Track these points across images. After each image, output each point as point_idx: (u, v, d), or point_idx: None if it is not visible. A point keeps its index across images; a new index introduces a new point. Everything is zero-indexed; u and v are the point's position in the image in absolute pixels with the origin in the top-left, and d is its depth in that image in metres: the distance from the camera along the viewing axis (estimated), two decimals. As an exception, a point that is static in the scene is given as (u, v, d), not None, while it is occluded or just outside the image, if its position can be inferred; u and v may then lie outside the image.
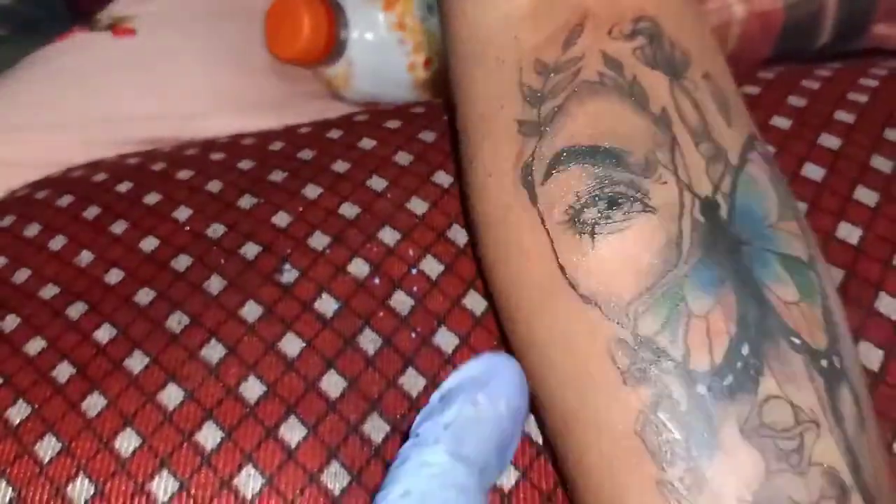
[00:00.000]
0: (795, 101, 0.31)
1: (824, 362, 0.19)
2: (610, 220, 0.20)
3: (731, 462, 0.18)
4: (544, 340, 0.21)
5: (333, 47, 0.43)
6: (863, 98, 0.31)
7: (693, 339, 0.19)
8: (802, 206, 0.27)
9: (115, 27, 0.49)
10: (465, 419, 0.20)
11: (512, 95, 0.22)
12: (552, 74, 0.22)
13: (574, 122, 0.21)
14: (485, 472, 0.20)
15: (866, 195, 0.27)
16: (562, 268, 0.21)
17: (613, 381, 0.20)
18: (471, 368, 0.22)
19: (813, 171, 0.28)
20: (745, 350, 0.19)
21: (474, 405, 0.21)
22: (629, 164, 0.21)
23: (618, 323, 0.20)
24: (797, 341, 0.19)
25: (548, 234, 0.21)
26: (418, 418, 0.21)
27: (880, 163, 0.28)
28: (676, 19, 0.23)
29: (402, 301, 0.27)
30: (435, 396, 0.22)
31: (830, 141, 0.29)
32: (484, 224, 0.24)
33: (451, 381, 0.22)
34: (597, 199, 0.20)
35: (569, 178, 0.21)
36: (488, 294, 0.27)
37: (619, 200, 0.20)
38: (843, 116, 0.30)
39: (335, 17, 0.43)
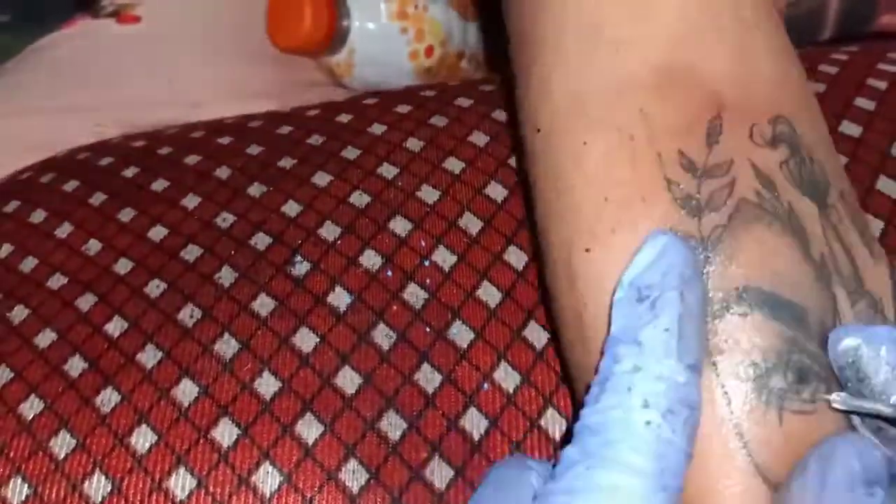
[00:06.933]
0: (814, 87, 0.30)
1: None
2: (797, 398, 0.18)
3: None
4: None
5: (335, 37, 0.43)
6: (882, 84, 0.30)
7: None
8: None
9: (120, 14, 0.48)
10: None
11: (655, 189, 0.19)
12: (704, 178, 0.19)
13: (748, 254, 0.18)
14: None
15: (888, 185, 0.27)
16: (741, 436, 0.18)
17: None
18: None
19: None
20: None
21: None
22: (809, 328, 0.18)
23: None
24: None
25: (722, 387, 0.18)
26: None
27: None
28: (810, 121, 0.20)
29: (415, 294, 0.26)
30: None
31: (852, 129, 0.29)
32: None
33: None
34: (787, 365, 0.18)
35: (750, 327, 0.18)
36: (500, 285, 0.26)
37: (807, 375, 0.18)
38: (864, 103, 0.29)
39: (336, 6, 0.43)
